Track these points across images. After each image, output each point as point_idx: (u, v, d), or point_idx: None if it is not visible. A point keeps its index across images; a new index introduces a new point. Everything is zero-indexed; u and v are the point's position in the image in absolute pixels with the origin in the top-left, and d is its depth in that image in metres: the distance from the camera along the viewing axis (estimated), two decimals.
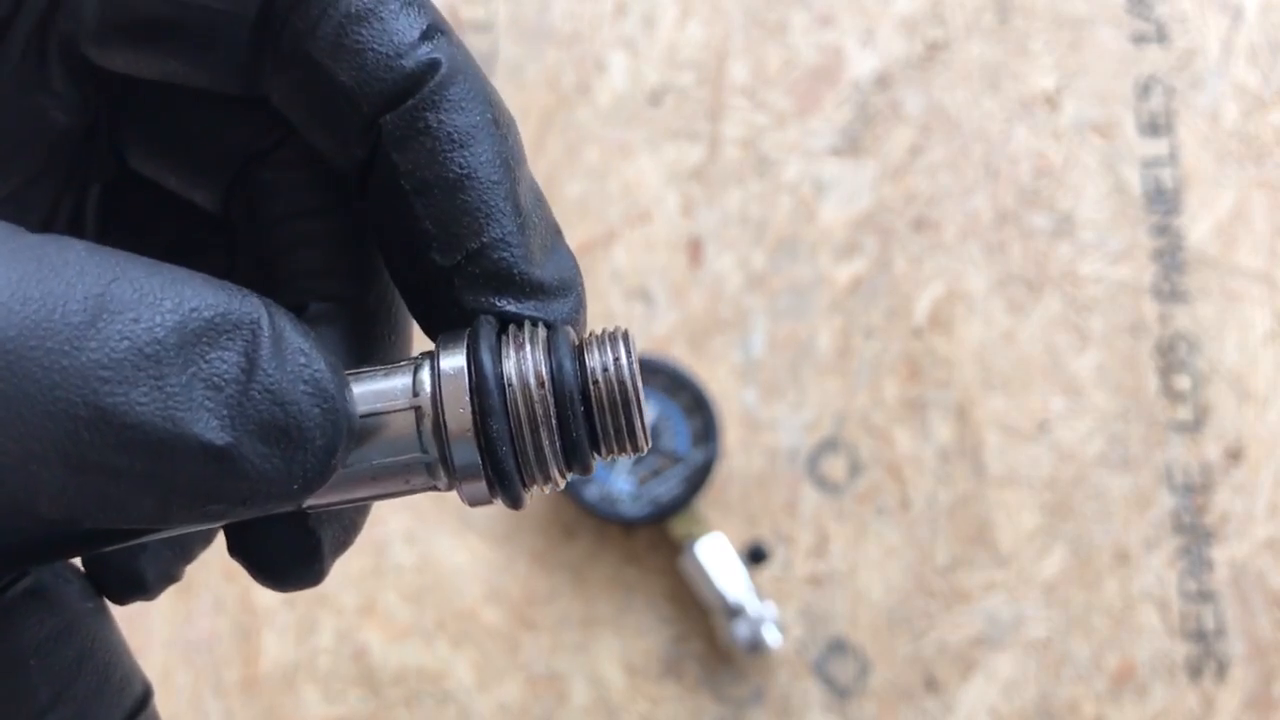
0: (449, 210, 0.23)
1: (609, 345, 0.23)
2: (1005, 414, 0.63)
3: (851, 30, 0.67)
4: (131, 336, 0.18)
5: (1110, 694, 0.61)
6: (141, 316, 0.18)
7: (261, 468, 0.19)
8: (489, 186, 0.24)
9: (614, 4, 0.67)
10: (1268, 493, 0.63)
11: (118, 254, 0.19)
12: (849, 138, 0.66)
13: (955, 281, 0.65)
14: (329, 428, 0.20)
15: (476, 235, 0.23)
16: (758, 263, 0.65)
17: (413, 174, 0.23)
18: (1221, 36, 0.67)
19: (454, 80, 0.23)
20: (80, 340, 0.17)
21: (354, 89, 0.23)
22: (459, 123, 0.23)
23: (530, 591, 0.62)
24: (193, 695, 0.61)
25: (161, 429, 0.18)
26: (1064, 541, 0.62)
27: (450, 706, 0.61)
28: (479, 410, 0.22)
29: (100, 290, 0.18)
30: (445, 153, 0.23)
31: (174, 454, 0.18)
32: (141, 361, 0.18)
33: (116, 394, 0.18)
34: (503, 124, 0.24)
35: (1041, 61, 0.67)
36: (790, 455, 0.63)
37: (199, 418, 0.19)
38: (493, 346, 0.22)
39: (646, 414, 0.23)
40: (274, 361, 0.20)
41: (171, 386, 0.18)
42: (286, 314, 0.21)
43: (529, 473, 0.22)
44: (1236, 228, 0.65)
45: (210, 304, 0.19)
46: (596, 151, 0.66)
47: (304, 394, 0.20)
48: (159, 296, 0.19)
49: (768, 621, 0.59)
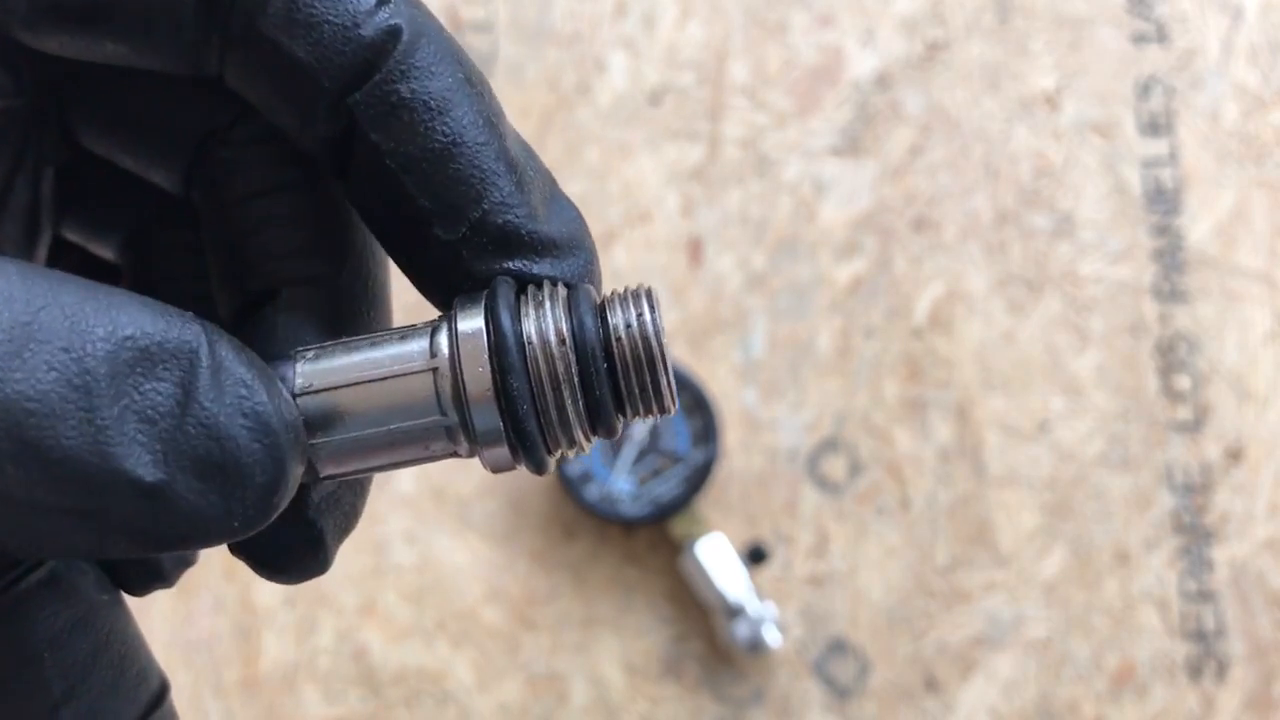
0: (442, 182, 0.22)
1: (631, 302, 0.22)
2: (1005, 414, 0.63)
3: (851, 30, 0.67)
4: (60, 367, 0.17)
5: (1110, 694, 0.61)
6: (72, 346, 0.17)
7: (197, 505, 0.18)
8: (478, 150, 0.23)
9: (614, 4, 0.67)
10: (1268, 493, 0.63)
11: (52, 276, 0.18)
12: (849, 138, 0.66)
13: (955, 281, 0.64)
14: (269, 465, 0.19)
15: (476, 203, 0.23)
16: (758, 263, 0.65)
17: (397, 151, 0.22)
18: (1222, 36, 0.67)
19: (418, 44, 0.22)
20: (4, 371, 0.17)
21: (313, 65, 0.22)
22: (433, 89, 0.22)
23: (530, 591, 0.62)
24: (193, 695, 0.61)
25: (90, 464, 0.17)
26: (1064, 541, 0.62)
27: (450, 706, 0.61)
28: (499, 369, 0.21)
29: (28, 319, 0.17)
30: (426, 123, 0.22)
31: (104, 490, 0.18)
32: (70, 393, 0.17)
33: (43, 427, 0.17)
34: (475, 80, 0.23)
35: (1041, 61, 0.67)
36: (790, 455, 0.63)
37: (130, 452, 0.18)
38: (511, 305, 0.22)
39: (672, 373, 0.22)
40: (211, 393, 0.19)
41: (102, 420, 0.17)
42: (230, 342, 0.20)
43: (552, 435, 0.22)
44: (1236, 228, 0.65)
45: (145, 332, 0.18)
46: (596, 151, 0.66)
47: (242, 428, 0.19)
48: (90, 324, 0.18)
49: (768, 621, 0.59)
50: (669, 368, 0.22)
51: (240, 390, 0.19)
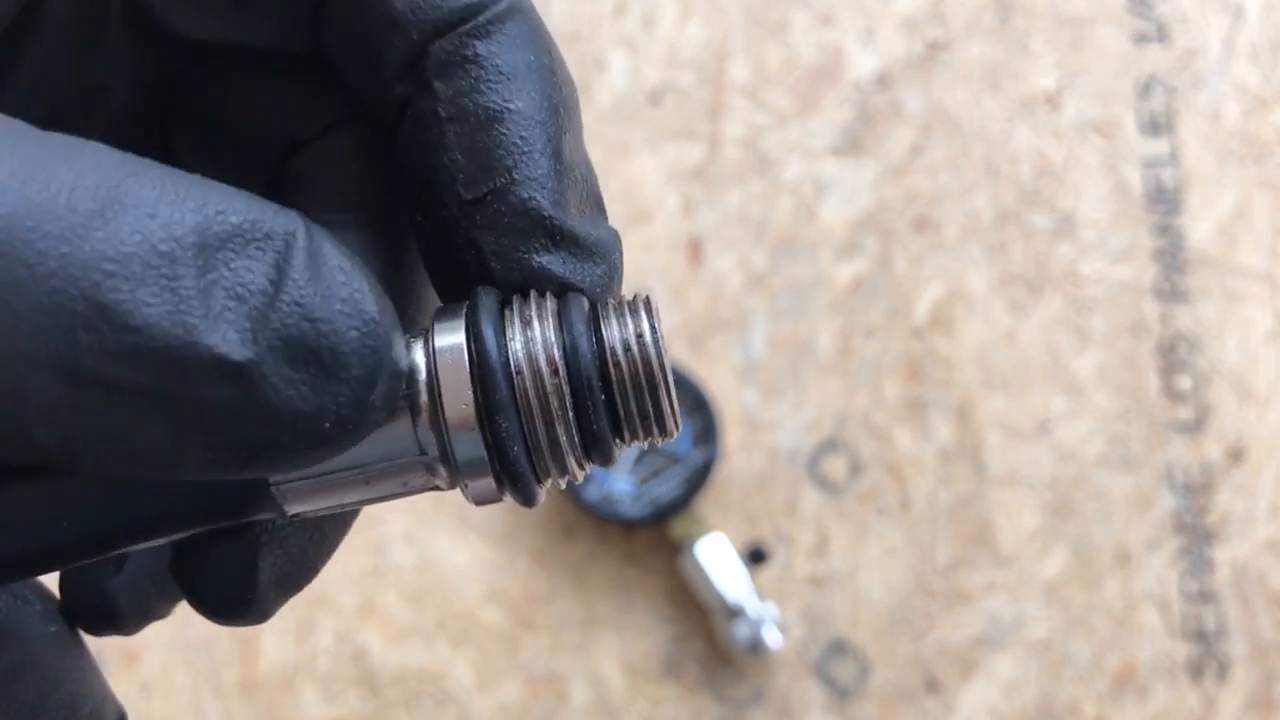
0: (482, 141, 0.21)
1: (629, 316, 0.20)
2: (1006, 414, 0.63)
3: (852, 30, 0.67)
4: (145, 231, 0.16)
5: (1111, 695, 0.61)
6: (159, 213, 0.16)
7: (286, 394, 0.17)
8: (530, 124, 0.22)
9: (614, 4, 0.67)
10: (1269, 493, 0.63)
11: (143, 158, 0.17)
12: (849, 137, 0.66)
13: (956, 281, 0.64)
14: (367, 355, 0.17)
15: (507, 170, 0.21)
16: (758, 263, 0.65)
17: (451, 100, 0.22)
18: (1222, 36, 0.67)
19: (512, 15, 0.22)
20: (85, 229, 0.15)
21: (406, 16, 0.22)
22: (509, 57, 0.22)
23: (530, 591, 0.62)
24: (192, 696, 0.61)
25: (170, 335, 0.16)
26: (1065, 542, 0.62)
27: (450, 707, 0.61)
28: (484, 405, 0.19)
29: (115, 182, 0.16)
30: (489, 82, 0.22)
31: (185, 368, 0.16)
32: (154, 258, 0.16)
33: (120, 290, 0.15)
34: (560, 76, 0.23)
35: (1042, 61, 0.67)
36: (790, 455, 0.63)
37: (216, 327, 0.16)
38: (495, 321, 0.19)
39: (674, 393, 0.20)
40: (306, 274, 0.17)
41: (186, 289, 0.16)
42: (328, 234, 0.18)
43: (542, 465, 0.19)
44: (1237, 227, 0.65)
45: (239, 210, 0.17)
46: (596, 151, 0.66)
47: (340, 313, 0.17)
48: (181, 195, 0.16)
49: (768, 622, 0.59)
50: (671, 389, 0.20)
51: (338, 276, 0.17)
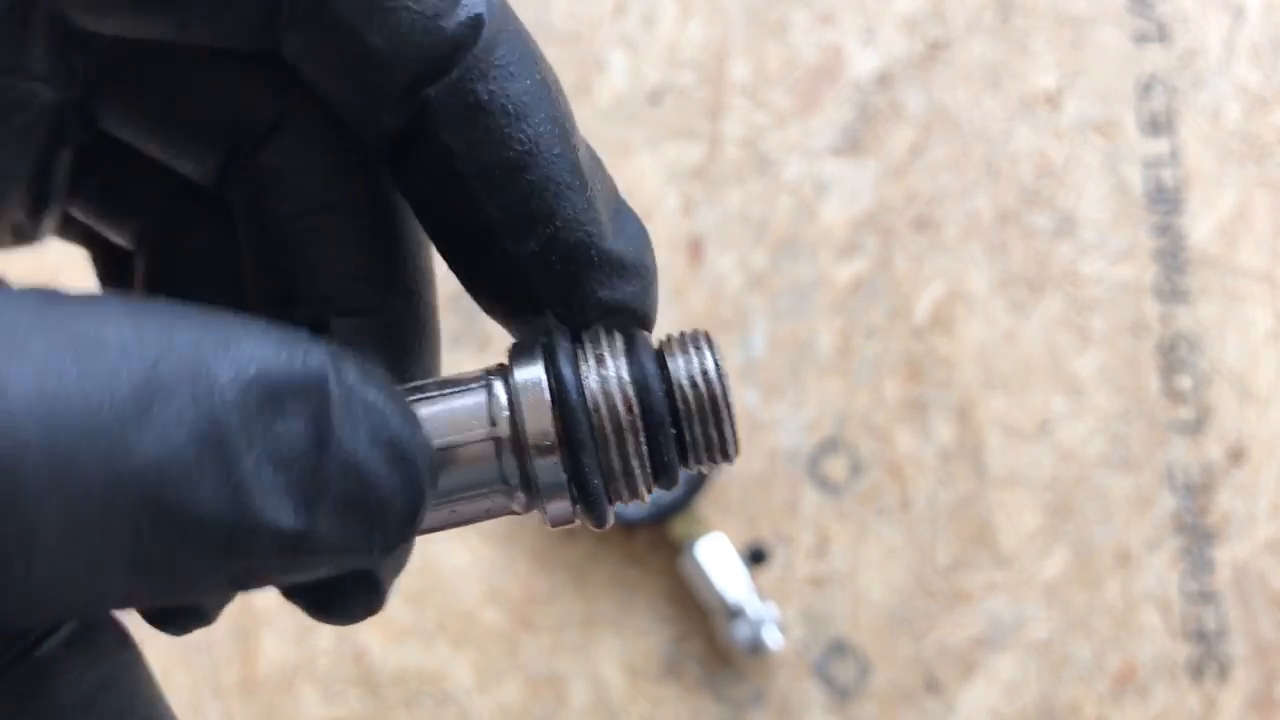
0: (515, 193, 0.21)
1: (694, 353, 0.21)
2: (1006, 414, 0.63)
3: (852, 29, 0.67)
4: (189, 422, 0.16)
5: (1111, 695, 0.61)
6: (199, 396, 0.16)
7: (338, 542, 0.18)
8: (553, 160, 0.21)
9: (614, 3, 0.67)
10: (1269, 493, 0.63)
11: (160, 313, 0.16)
12: (849, 137, 0.66)
13: (956, 281, 0.64)
14: (410, 491, 0.18)
15: (548, 219, 0.21)
16: (758, 263, 0.65)
17: (470, 155, 0.21)
18: (1223, 36, 0.67)
19: (500, 39, 0.21)
20: (135, 434, 0.15)
21: (388, 54, 0.20)
22: (513, 91, 0.21)
23: (530, 592, 0.62)
24: (192, 696, 0.61)
25: (231, 522, 0.16)
26: (1065, 542, 0.62)
27: (450, 707, 0.61)
28: (562, 422, 0.20)
29: (147, 371, 0.16)
30: (504, 128, 0.21)
31: (246, 545, 0.17)
32: (205, 449, 0.16)
33: (181, 489, 0.16)
34: (552, 82, 0.22)
35: (1043, 61, 0.67)
36: (791, 455, 0.63)
37: (270, 502, 0.17)
38: (571, 356, 0.21)
39: (736, 420, 0.22)
40: (346, 426, 0.17)
41: (240, 473, 0.16)
42: (352, 360, 0.18)
43: (615, 488, 0.21)
44: (1238, 227, 0.65)
45: (270, 367, 0.17)
46: (596, 151, 0.66)
47: (381, 459, 0.18)
48: (213, 368, 0.16)
49: (768, 622, 0.59)
50: (734, 418, 0.21)
51: (374, 418, 0.18)
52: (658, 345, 0.22)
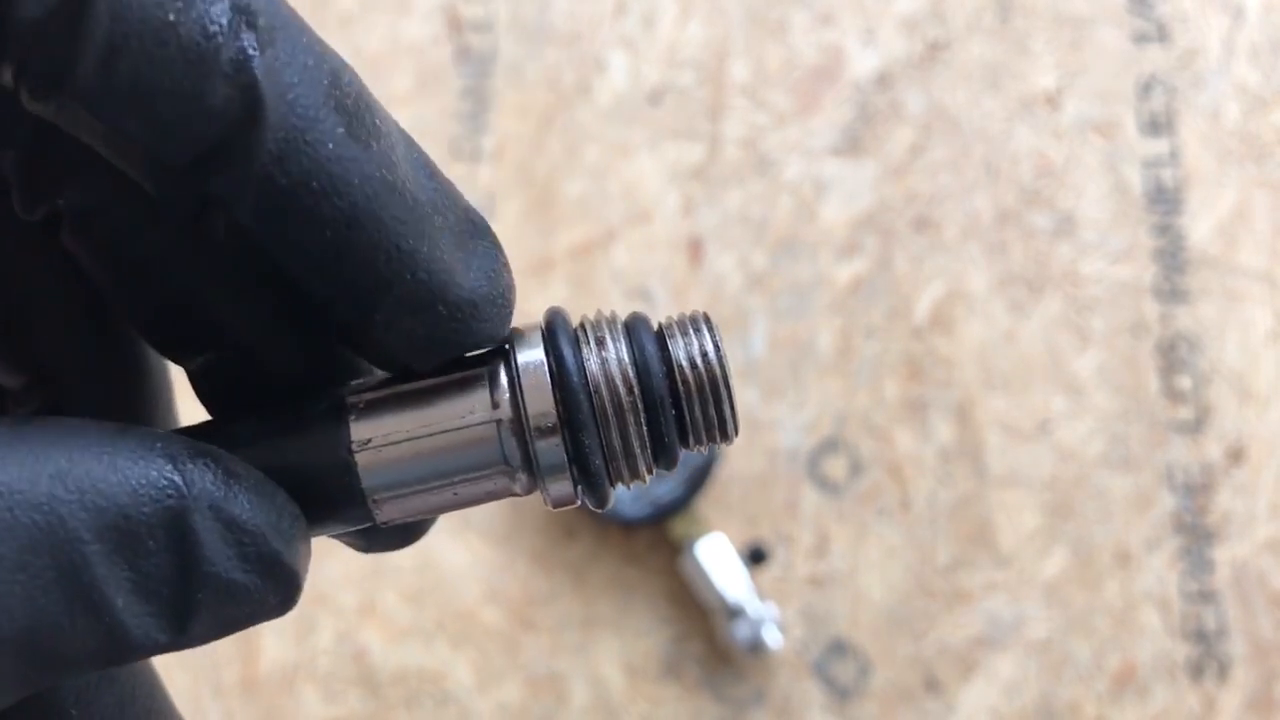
0: (345, 272, 0.19)
1: (694, 335, 0.22)
2: (1006, 414, 0.63)
3: (852, 30, 0.67)
4: (57, 583, 0.16)
5: (1111, 695, 0.61)
6: (60, 556, 0.16)
7: (216, 632, 0.18)
8: (379, 223, 0.19)
9: (614, 3, 0.67)
10: (1269, 493, 0.63)
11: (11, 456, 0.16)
12: (849, 137, 0.66)
13: (956, 281, 0.64)
14: (284, 589, 0.19)
15: (388, 287, 0.19)
16: (758, 263, 0.65)
17: (283, 243, 0.19)
18: (1223, 36, 0.67)
19: (284, 99, 0.18)
20: (4, 603, 0.16)
21: (148, 141, 0.17)
22: (314, 163, 0.18)
23: (530, 591, 0.62)
24: (192, 696, 0.61)
25: (106, 652, 0.17)
26: (1065, 542, 0.62)
27: (450, 707, 0.61)
28: (563, 404, 0.21)
29: (6, 531, 0.16)
30: (313, 210, 0.18)
31: (122, 659, 0.17)
32: (73, 604, 0.16)
33: (56, 642, 0.16)
34: (355, 109, 0.18)
35: (1042, 61, 0.67)
36: (790, 455, 0.63)
37: (143, 628, 0.17)
38: (571, 338, 0.21)
39: (736, 400, 0.22)
40: (210, 548, 0.18)
41: (109, 616, 0.17)
42: (210, 470, 0.18)
43: (616, 469, 0.21)
44: (1238, 227, 0.65)
45: (129, 508, 0.17)
46: (596, 151, 0.66)
47: (252, 574, 0.18)
48: (70, 523, 0.16)
49: (768, 622, 0.59)
50: (734, 398, 0.22)
51: (239, 535, 0.18)
52: (657, 327, 0.22)
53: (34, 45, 0.16)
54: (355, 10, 0.69)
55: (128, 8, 0.16)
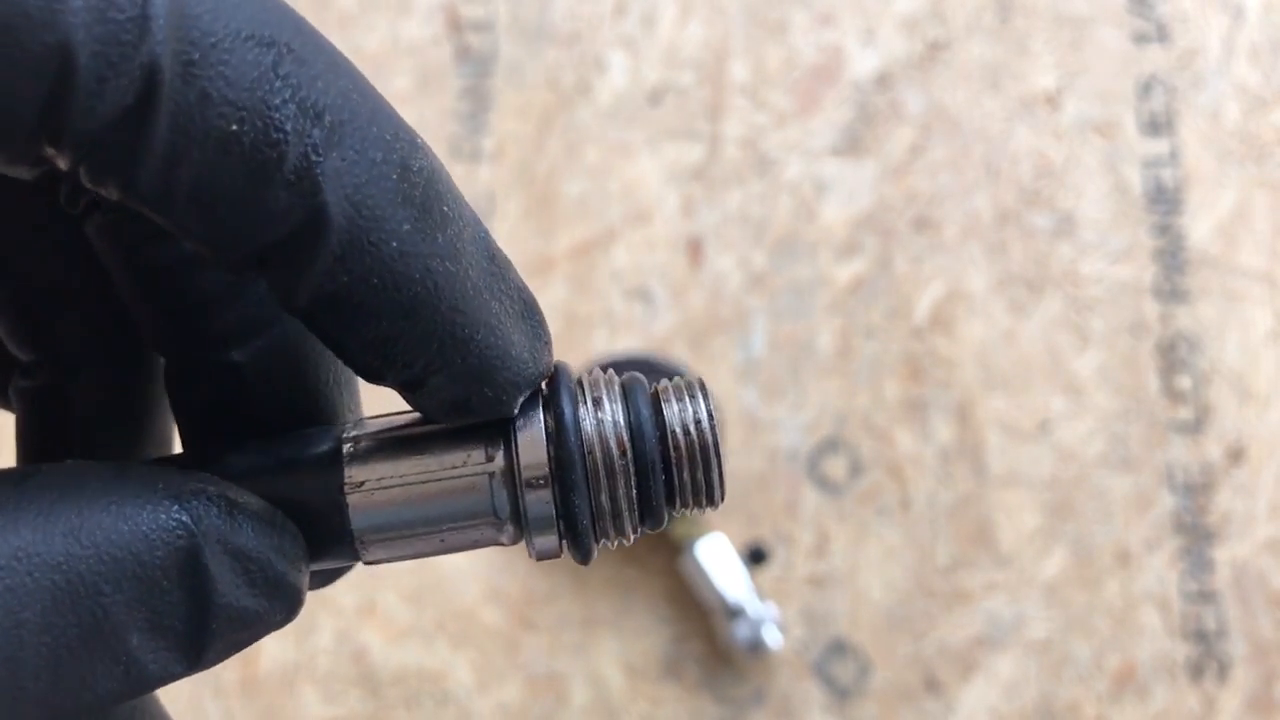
0: (394, 358, 0.19)
1: (689, 401, 0.22)
2: (1006, 414, 0.63)
3: (852, 30, 0.67)
4: (80, 637, 0.17)
5: (1111, 695, 0.61)
6: (82, 610, 0.17)
7: (224, 657, 0.19)
8: (436, 313, 0.19)
9: (614, 4, 0.67)
10: (1269, 493, 0.63)
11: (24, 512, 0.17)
12: (849, 137, 0.66)
13: (956, 281, 0.64)
14: (288, 608, 0.20)
15: (435, 370, 0.19)
16: (758, 263, 0.65)
17: (334, 333, 0.19)
18: (1223, 36, 0.67)
19: (351, 200, 0.17)
20: (31, 661, 0.16)
21: (211, 240, 0.17)
22: (378, 257, 0.17)
23: (530, 591, 0.62)
24: (192, 696, 0.61)
25: (125, 689, 0.18)
26: (1065, 542, 0.62)
27: (450, 707, 0.61)
28: (560, 481, 0.21)
29: (27, 588, 0.16)
30: (369, 303, 0.18)
31: (139, 692, 0.18)
32: (94, 653, 0.17)
33: (79, 687, 0.17)
34: (415, 182, 0.18)
35: (1042, 61, 0.67)
36: (790, 455, 0.63)
37: (159, 661, 0.18)
38: (572, 396, 0.21)
39: (725, 468, 0.22)
40: (222, 582, 0.18)
41: (127, 656, 0.17)
42: (215, 504, 0.18)
43: (602, 527, 0.22)
44: (1238, 227, 0.65)
45: (135, 554, 0.17)
46: (596, 151, 0.66)
47: (262, 599, 0.19)
48: (90, 578, 0.17)
49: (768, 622, 0.59)
50: (723, 466, 0.22)
51: (247, 564, 0.19)
52: (653, 390, 0.22)
53: (92, 152, 0.16)
54: (355, 10, 0.69)
55: (190, 119, 0.16)
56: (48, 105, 0.15)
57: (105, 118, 0.16)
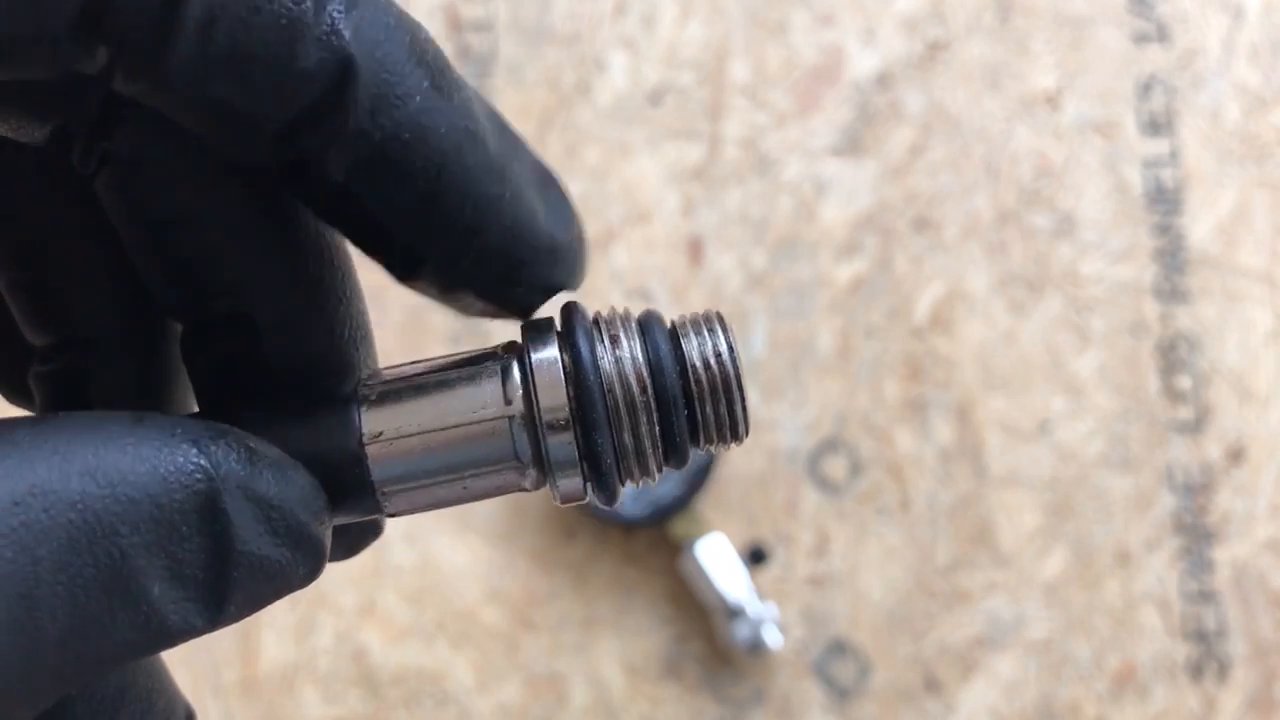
0: (434, 221, 0.20)
1: (708, 334, 0.21)
2: (1006, 414, 0.63)
3: (852, 30, 0.67)
4: (97, 580, 0.16)
5: (1111, 695, 0.61)
6: (99, 552, 0.16)
7: (246, 614, 0.19)
8: (466, 174, 0.19)
9: (614, 4, 0.67)
10: (1269, 493, 0.63)
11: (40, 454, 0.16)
12: (849, 137, 0.66)
13: (956, 281, 0.64)
14: (312, 559, 0.19)
15: (475, 233, 0.20)
16: (758, 263, 0.65)
17: (372, 195, 0.19)
18: (1223, 36, 0.67)
19: (374, 59, 0.18)
20: (46, 605, 0.16)
21: (244, 109, 0.18)
22: (404, 117, 0.19)
23: (530, 591, 0.62)
24: (192, 696, 0.61)
25: (146, 641, 0.17)
26: (1065, 542, 0.62)
27: (450, 707, 0.61)
28: (576, 400, 0.20)
29: (45, 534, 0.16)
30: (404, 163, 0.19)
31: (160, 646, 0.18)
32: (113, 599, 0.16)
33: (98, 635, 0.16)
34: (437, 70, 0.19)
35: (1042, 61, 0.67)
36: (790, 455, 0.63)
37: (181, 613, 0.17)
38: (588, 334, 0.21)
39: (748, 400, 0.22)
40: (243, 528, 0.18)
41: (148, 604, 0.17)
42: (234, 447, 0.18)
43: (627, 466, 0.21)
44: (1238, 227, 0.65)
45: (161, 496, 0.17)
46: (596, 151, 0.66)
47: (283, 548, 0.18)
48: (107, 518, 0.16)
49: (768, 622, 0.59)
50: (746, 398, 0.22)
51: (268, 511, 0.18)
52: (671, 325, 0.22)
53: (133, 22, 0.17)
54: None
55: None
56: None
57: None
